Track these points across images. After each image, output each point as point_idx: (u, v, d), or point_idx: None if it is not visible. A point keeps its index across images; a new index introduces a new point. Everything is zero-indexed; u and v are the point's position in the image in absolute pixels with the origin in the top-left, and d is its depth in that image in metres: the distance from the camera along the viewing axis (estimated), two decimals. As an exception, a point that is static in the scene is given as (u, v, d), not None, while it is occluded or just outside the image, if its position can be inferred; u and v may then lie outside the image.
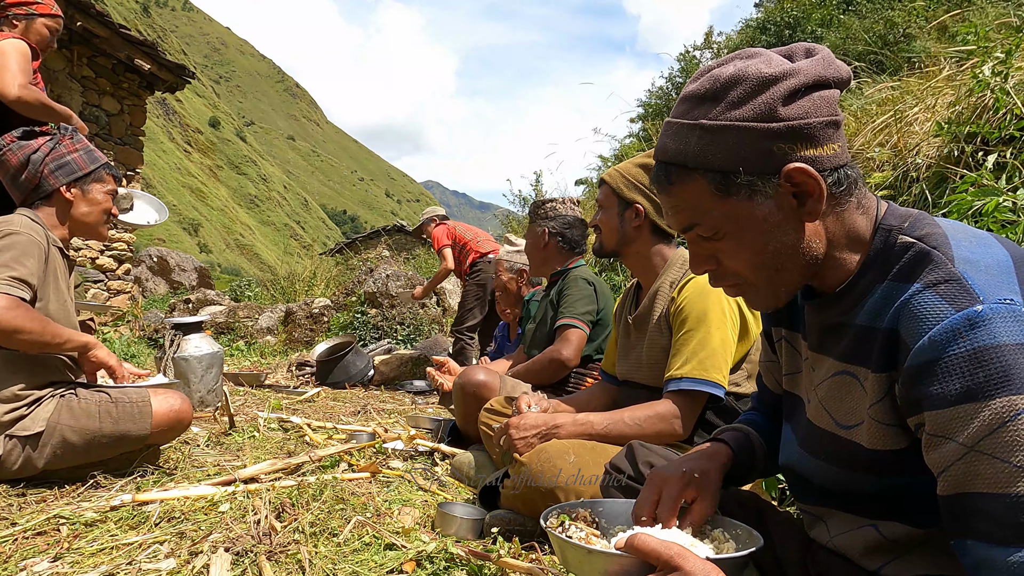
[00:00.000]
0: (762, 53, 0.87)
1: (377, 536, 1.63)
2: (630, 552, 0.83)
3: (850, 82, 0.88)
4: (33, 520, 1.67)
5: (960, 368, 0.70)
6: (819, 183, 0.83)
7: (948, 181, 3.13)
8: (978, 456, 0.68)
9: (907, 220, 0.86)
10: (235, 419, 2.93)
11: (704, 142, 0.85)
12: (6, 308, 1.85)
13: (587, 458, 1.62)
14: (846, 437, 0.89)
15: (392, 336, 6.85)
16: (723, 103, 0.84)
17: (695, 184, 0.87)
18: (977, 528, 0.69)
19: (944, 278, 0.75)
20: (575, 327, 2.56)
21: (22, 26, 2.95)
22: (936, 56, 4.51)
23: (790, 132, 0.82)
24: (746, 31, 14.08)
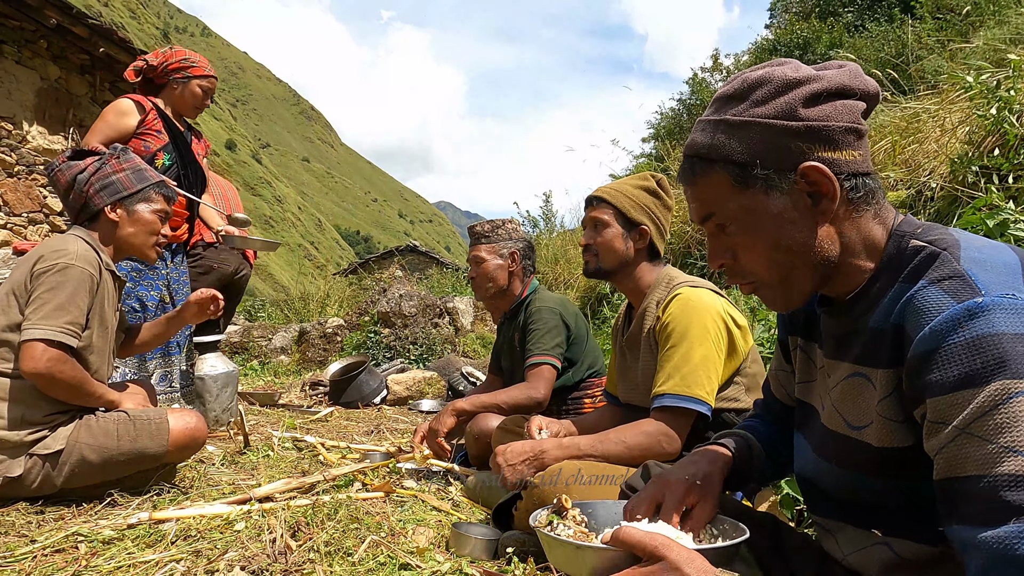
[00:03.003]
0: (792, 62, 0.91)
1: (392, 556, 1.63)
2: (615, 545, 0.85)
3: (878, 97, 0.91)
4: (52, 537, 1.69)
5: (959, 356, 0.71)
6: (833, 184, 0.86)
7: (961, 203, 3.12)
8: (968, 438, 0.69)
9: (920, 228, 0.88)
10: (250, 438, 2.94)
11: (727, 136, 0.89)
12: (57, 361, 1.91)
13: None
14: (856, 438, 0.90)
15: (405, 356, 6.86)
16: (748, 101, 0.89)
17: (716, 176, 0.91)
18: (963, 511, 0.69)
19: (949, 275, 0.77)
20: (546, 364, 2.52)
21: (180, 89, 3.17)
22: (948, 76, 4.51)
23: (808, 132, 0.86)
24: (756, 52, 14.16)
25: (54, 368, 1.90)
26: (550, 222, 9.87)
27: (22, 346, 1.90)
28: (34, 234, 6.11)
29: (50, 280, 1.96)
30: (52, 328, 1.91)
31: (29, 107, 6.04)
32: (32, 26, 5.86)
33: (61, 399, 1.99)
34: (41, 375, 1.90)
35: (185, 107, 3.24)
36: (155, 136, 3.11)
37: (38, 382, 1.92)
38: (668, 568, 0.79)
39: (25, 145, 6.01)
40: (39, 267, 1.99)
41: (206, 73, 3.26)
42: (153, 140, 3.10)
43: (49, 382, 1.92)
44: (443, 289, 10.17)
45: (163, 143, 3.12)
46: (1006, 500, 0.65)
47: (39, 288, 1.96)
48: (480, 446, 2.55)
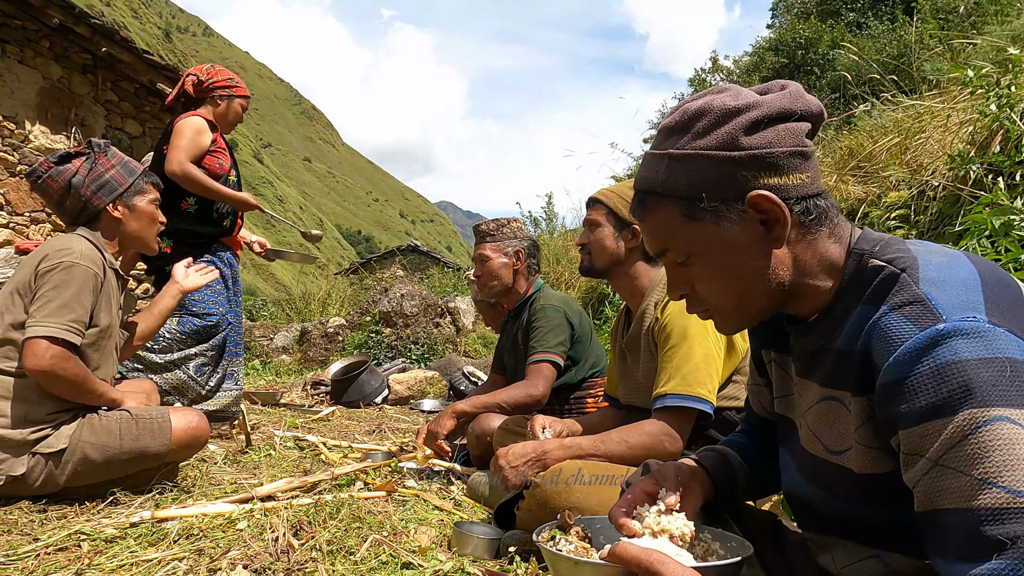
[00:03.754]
0: (732, 88, 0.92)
1: (394, 555, 1.63)
2: (612, 560, 0.85)
3: (822, 116, 0.91)
4: (55, 536, 1.69)
5: (925, 385, 0.71)
6: (783, 210, 0.86)
7: (964, 202, 3.12)
8: (942, 470, 0.69)
9: (878, 244, 0.88)
10: (251, 437, 2.95)
11: (672, 170, 0.90)
12: (61, 358, 1.92)
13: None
14: (837, 463, 0.90)
15: (406, 355, 6.86)
16: (690, 133, 0.89)
17: (664, 210, 0.92)
18: (945, 545, 0.69)
19: (909, 299, 0.77)
20: (548, 362, 2.52)
21: (223, 105, 3.29)
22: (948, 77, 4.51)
23: (752, 160, 0.86)
24: (758, 52, 14.15)
25: (57, 365, 1.91)
26: (551, 222, 9.87)
27: (26, 343, 1.91)
28: (36, 233, 6.12)
29: (54, 278, 1.96)
30: (56, 326, 1.91)
31: (31, 106, 6.04)
32: (35, 26, 5.86)
33: (64, 397, 1.99)
34: (44, 372, 1.90)
35: (224, 123, 3.32)
36: (223, 154, 3.22)
37: (41, 380, 1.92)
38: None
39: (27, 144, 6.01)
40: (43, 266, 1.99)
41: (246, 93, 3.39)
42: (223, 158, 3.21)
43: (52, 380, 1.92)
44: (444, 289, 10.17)
45: (230, 162, 3.27)
46: (986, 535, 0.64)
47: (43, 287, 1.96)
48: (482, 446, 2.55)
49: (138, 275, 7.36)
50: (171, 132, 3.10)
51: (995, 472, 0.65)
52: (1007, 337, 0.70)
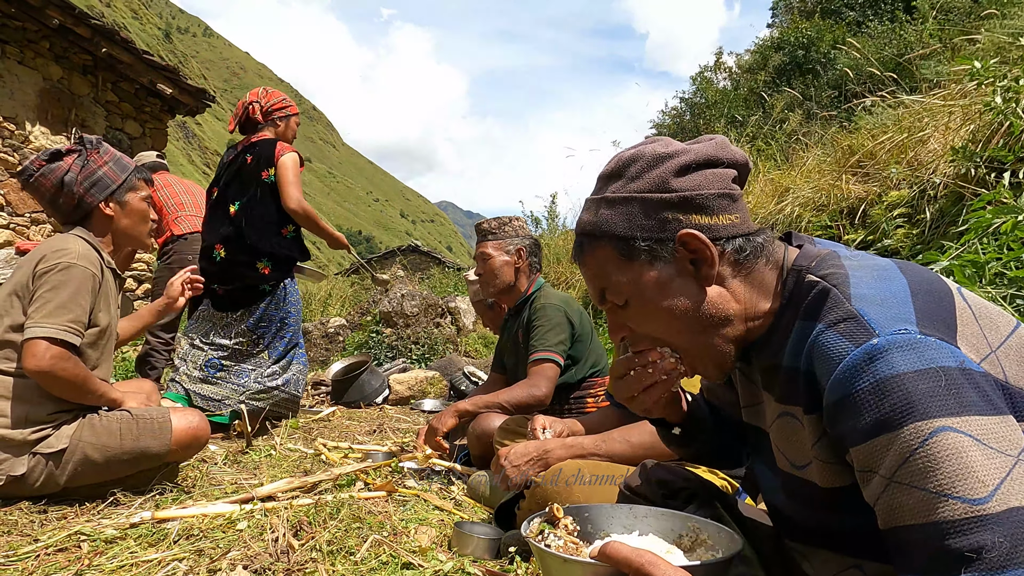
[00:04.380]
0: (663, 139, 0.98)
1: (394, 555, 1.63)
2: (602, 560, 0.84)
3: (747, 167, 0.97)
4: (55, 536, 1.69)
5: (867, 402, 0.72)
6: (710, 249, 0.90)
7: (966, 200, 3.11)
8: (897, 487, 0.69)
9: (814, 260, 0.91)
10: (251, 438, 2.94)
11: (608, 212, 0.95)
12: (60, 359, 1.91)
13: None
14: (802, 477, 0.91)
15: (407, 355, 6.86)
16: (624, 178, 0.94)
17: (602, 251, 0.96)
18: (912, 563, 0.69)
19: (843, 316, 0.79)
20: (549, 361, 2.51)
21: (282, 126, 3.53)
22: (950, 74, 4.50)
23: (682, 202, 0.91)
24: (759, 51, 14.15)
25: (57, 366, 1.90)
26: (553, 222, 9.86)
27: (25, 344, 1.90)
28: (37, 234, 6.12)
29: (52, 279, 1.96)
30: (55, 326, 1.91)
31: (31, 107, 6.05)
32: (35, 26, 5.87)
33: (64, 397, 1.99)
34: (44, 373, 1.90)
35: (285, 141, 3.53)
36: None
37: (41, 380, 1.92)
38: None
39: (28, 145, 6.02)
40: (41, 267, 1.99)
41: (297, 111, 3.65)
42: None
43: (52, 380, 1.92)
44: (445, 289, 10.17)
45: None
46: (951, 549, 0.64)
47: (42, 287, 1.96)
48: (482, 446, 2.54)
49: (139, 275, 7.36)
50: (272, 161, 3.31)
51: (948, 484, 0.65)
52: (939, 346, 0.72)
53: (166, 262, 4.32)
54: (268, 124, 3.48)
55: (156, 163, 4.68)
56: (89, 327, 2.04)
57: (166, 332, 4.29)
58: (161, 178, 4.48)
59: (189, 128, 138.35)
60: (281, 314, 3.40)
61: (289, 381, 3.45)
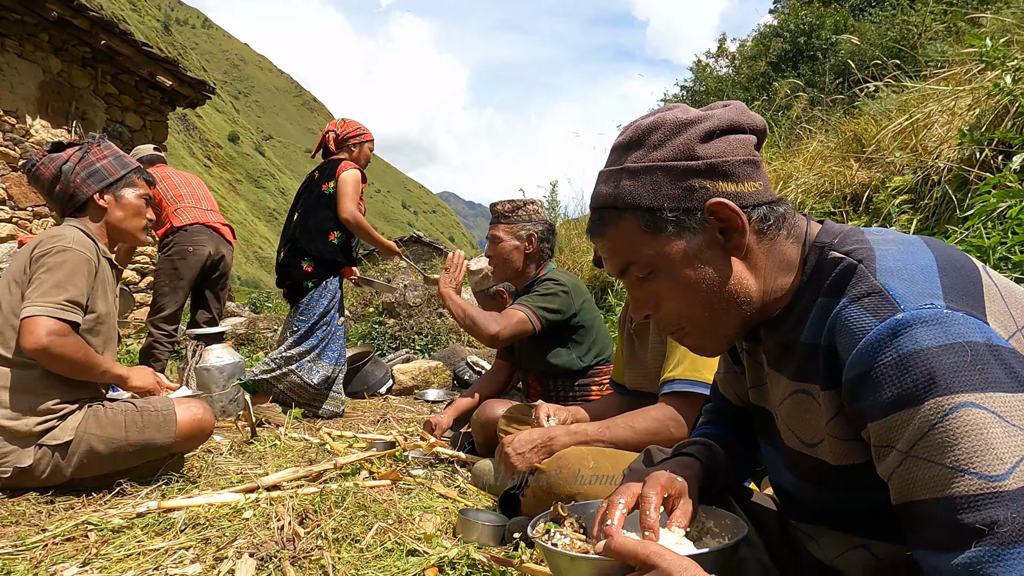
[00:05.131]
0: (679, 106, 0.94)
1: (399, 542, 1.63)
2: (608, 555, 0.85)
3: (766, 132, 0.94)
4: (62, 526, 1.70)
5: (889, 377, 0.71)
6: (741, 217, 0.87)
7: (970, 184, 3.09)
8: (914, 461, 0.69)
9: (837, 236, 0.89)
10: (256, 428, 2.95)
11: (630, 183, 0.91)
12: (58, 334, 1.91)
13: (606, 464, 1.62)
14: (812, 455, 0.90)
15: (410, 346, 6.87)
16: (645, 147, 0.91)
17: (625, 224, 0.92)
18: (925, 536, 0.68)
19: (867, 291, 0.77)
20: (520, 311, 2.50)
21: (356, 151, 3.98)
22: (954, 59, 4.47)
23: (709, 169, 0.87)
24: (761, 38, 14.05)
25: (54, 342, 1.89)
26: (554, 210, 9.84)
27: (22, 324, 1.90)
28: (39, 228, 6.12)
29: (48, 261, 1.97)
30: (51, 304, 1.91)
31: (32, 100, 6.03)
32: (33, 19, 5.84)
33: (66, 374, 1.98)
34: (43, 349, 1.89)
35: (359, 165, 3.93)
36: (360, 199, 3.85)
37: (40, 358, 1.92)
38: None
39: (29, 139, 6.01)
40: (37, 252, 2.00)
41: (371, 137, 4.08)
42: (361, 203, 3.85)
43: (51, 357, 1.91)
44: (447, 279, 10.13)
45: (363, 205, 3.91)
46: (963, 523, 0.64)
47: (38, 271, 1.97)
48: (486, 434, 2.55)
49: (142, 268, 7.37)
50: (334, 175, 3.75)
51: (966, 459, 0.65)
52: (966, 321, 0.70)
53: (166, 254, 4.34)
54: (343, 150, 3.96)
55: (154, 155, 4.68)
56: (87, 313, 2.05)
57: (168, 324, 4.30)
58: (159, 170, 4.48)
59: (190, 120, 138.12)
60: (320, 309, 3.72)
61: (303, 366, 3.68)
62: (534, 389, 2.77)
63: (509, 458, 1.75)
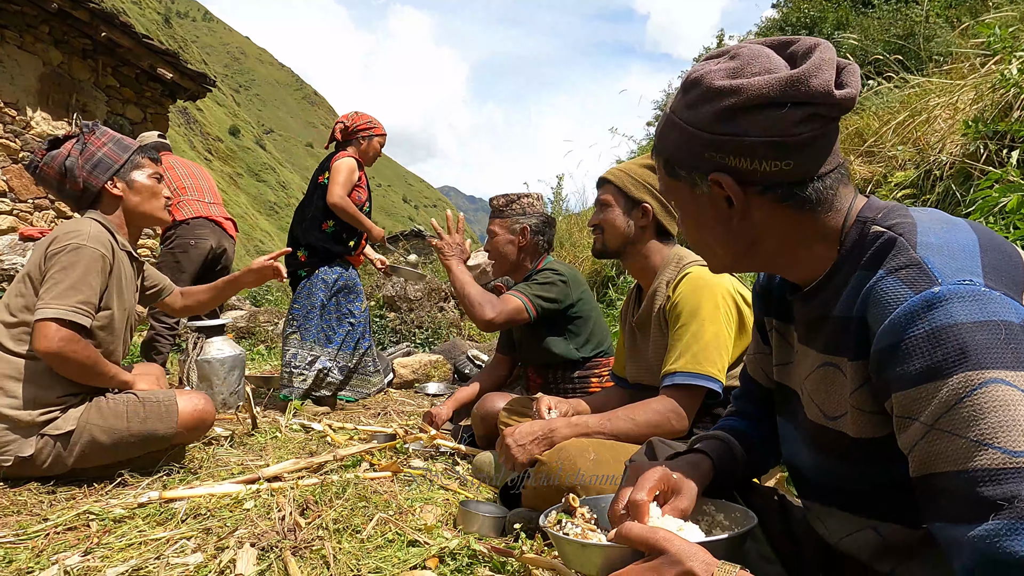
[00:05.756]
0: (741, 57, 0.89)
1: (400, 533, 1.64)
2: (619, 541, 0.86)
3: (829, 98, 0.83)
4: (64, 516, 1.71)
5: (920, 348, 0.71)
6: (740, 196, 0.88)
7: (972, 178, 3.09)
8: (938, 434, 0.69)
9: (881, 211, 0.88)
10: (257, 420, 2.96)
11: (664, 131, 0.96)
12: (69, 340, 1.92)
13: (607, 455, 1.62)
14: (833, 428, 0.90)
15: (411, 339, 6.88)
16: (682, 101, 0.92)
17: (657, 161, 1.00)
18: (943, 508, 0.69)
19: (905, 263, 0.77)
20: (516, 298, 2.52)
21: (364, 144, 3.90)
22: (957, 54, 4.45)
23: (723, 144, 0.87)
24: (762, 33, 14.01)
25: (66, 348, 1.91)
26: (558, 204, 9.82)
27: (35, 326, 1.91)
28: (40, 220, 6.12)
29: (62, 260, 1.97)
30: (64, 308, 1.92)
31: (32, 92, 6.02)
32: (33, 11, 5.83)
33: (74, 379, 2.00)
34: (54, 354, 1.90)
35: (367, 158, 3.93)
36: (363, 189, 3.86)
37: (51, 362, 1.93)
38: (670, 562, 0.79)
39: (29, 131, 6.00)
40: (52, 248, 2.00)
41: (383, 132, 3.99)
42: (363, 192, 3.86)
43: (62, 362, 1.93)
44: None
45: (367, 194, 3.92)
46: (983, 496, 0.64)
47: (52, 268, 1.97)
48: (486, 426, 2.56)
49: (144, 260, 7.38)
50: (328, 166, 3.77)
51: (991, 434, 0.65)
52: (1003, 300, 0.70)
53: (168, 247, 4.35)
54: (353, 142, 3.89)
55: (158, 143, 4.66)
56: (100, 310, 2.05)
57: (169, 317, 4.30)
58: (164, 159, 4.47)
59: (190, 114, 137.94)
60: (312, 299, 3.73)
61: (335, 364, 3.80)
62: (534, 382, 2.78)
63: (510, 450, 1.75)
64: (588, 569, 0.92)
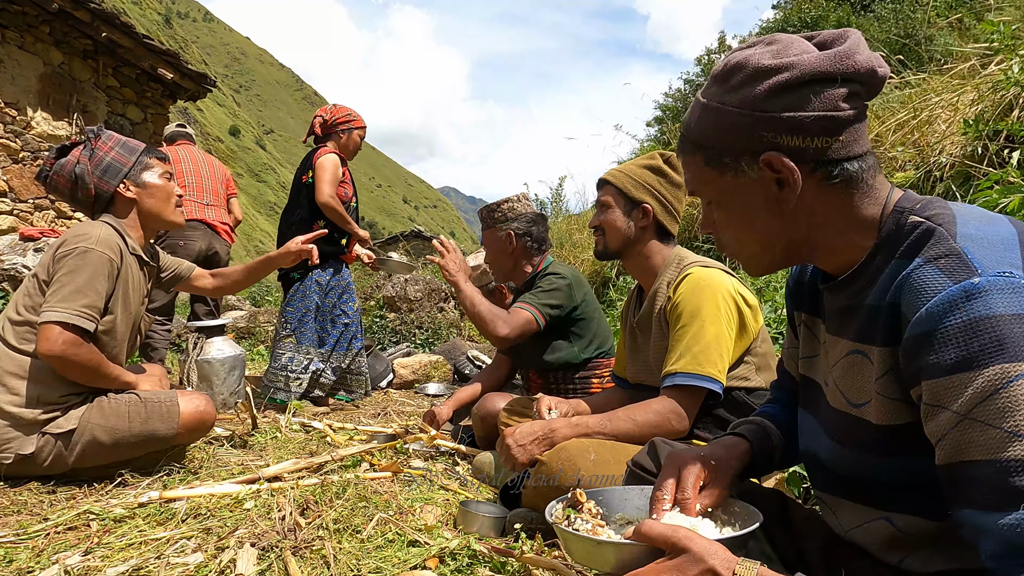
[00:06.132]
0: (781, 41, 0.90)
1: (400, 533, 1.64)
2: (638, 539, 0.85)
3: (873, 74, 0.86)
4: (64, 516, 1.71)
5: (956, 338, 0.71)
6: (795, 174, 0.87)
7: (972, 179, 3.09)
8: (971, 424, 0.69)
9: (919, 203, 0.88)
10: (257, 420, 2.96)
11: (703, 120, 0.93)
12: (70, 344, 1.92)
13: (608, 456, 1.62)
14: (856, 415, 0.90)
15: (411, 340, 6.88)
16: (725, 86, 0.91)
17: (694, 156, 0.96)
18: (972, 496, 0.69)
19: (944, 252, 0.77)
20: (526, 311, 2.52)
21: (344, 138, 3.84)
22: (958, 54, 4.45)
23: (775, 121, 0.86)
24: (764, 32, 14.00)
25: (69, 351, 1.92)
26: (557, 205, 9.82)
27: (39, 328, 1.92)
28: (40, 220, 6.12)
29: (70, 263, 1.98)
30: (69, 311, 1.92)
31: (33, 93, 6.02)
32: (34, 11, 5.83)
33: (77, 381, 2.00)
34: (57, 357, 1.91)
35: (347, 152, 3.87)
36: (348, 184, 3.84)
37: (53, 364, 1.94)
38: (693, 560, 0.79)
39: (30, 131, 6.00)
40: (61, 251, 2.01)
41: (363, 124, 3.92)
42: (348, 188, 3.83)
43: (64, 364, 1.93)
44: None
45: (352, 190, 3.89)
46: (1015, 485, 0.65)
47: (59, 271, 1.98)
48: (486, 426, 2.56)
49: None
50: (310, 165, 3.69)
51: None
52: None
53: (160, 246, 4.34)
54: (333, 136, 3.84)
55: (175, 132, 4.67)
56: (105, 314, 2.05)
57: (161, 316, 4.32)
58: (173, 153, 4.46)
59: (191, 114, 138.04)
60: (307, 302, 3.72)
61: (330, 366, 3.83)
62: (535, 383, 2.78)
63: (510, 450, 1.75)
64: (600, 566, 0.90)
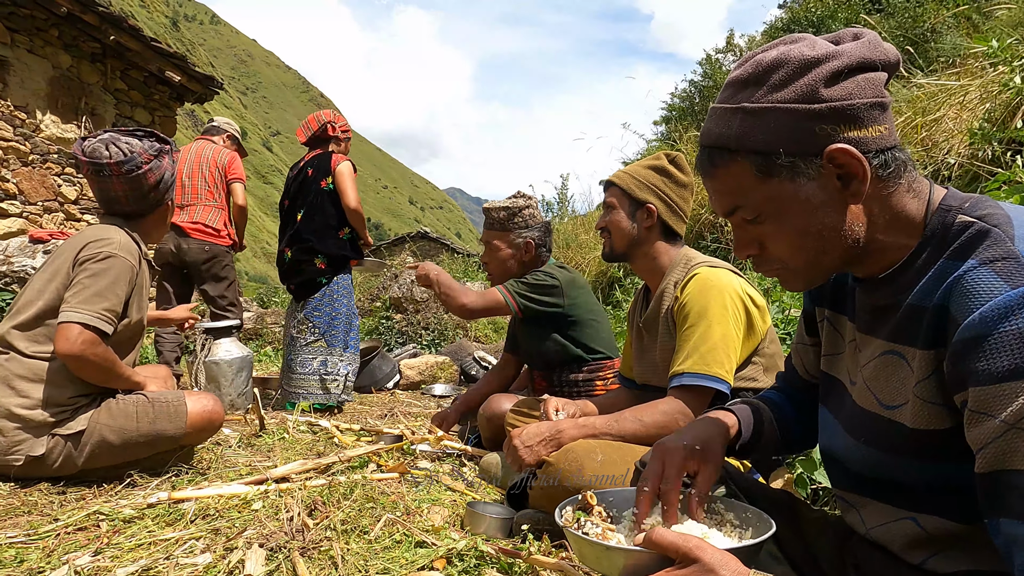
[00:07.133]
0: (806, 38, 0.88)
1: (407, 534, 1.64)
2: (648, 547, 0.83)
3: (899, 65, 0.86)
4: (74, 516, 1.72)
5: (1010, 345, 0.68)
6: (863, 164, 0.82)
7: (980, 180, 3.07)
8: (1018, 433, 0.67)
9: (968, 201, 0.84)
10: (265, 421, 2.97)
11: (746, 125, 0.86)
12: (89, 344, 1.94)
13: (615, 457, 1.62)
14: (888, 417, 0.87)
15: (417, 341, 6.89)
16: (765, 86, 0.85)
17: (737, 167, 0.88)
18: (1010, 506, 0.68)
19: (1002, 255, 0.74)
20: (500, 292, 2.60)
21: (344, 144, 4.10)
22: (966, 53, 4.43)
23: (833, 113, 0.82)
24: (770, 32, 13.96)
25: (87, 351, 1.93)
26: (563, 206, 9.81)
27: (59, 327, 1.94)
28: (49, 222, 6.16)
29: (93, 267, 2.00)
30: (89, 313, 1.94)
31: (42, 96, 6.07)
32: (43, 15, 5.87)
33: (91, 381, 2.02)
34: (75, 356, 1.92)
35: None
36: None
37: (70, 363, 1.95)
38: (703, 570, 0.77)
39: (39, 134, 6.04)
40: (83, 254, 2.02)
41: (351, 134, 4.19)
42: None
43: (81, 364, 1.95)
44: (455, 275, 10.17)
45: None
46: None
47: (81, 274, 1.99)
48: (493, 428, 2.56)
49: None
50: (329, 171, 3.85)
51: None
52: None
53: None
54: (333, 140, 4.04)
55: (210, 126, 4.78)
56: (122, 318, 2.07)
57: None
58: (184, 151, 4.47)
59: (198, 116, 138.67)
60: (335, 306, 3.86)
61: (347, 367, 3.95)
62: (539, 384, 2.78)
63: (517, 451, 1.75)
64: (608, 571, 0.90)
